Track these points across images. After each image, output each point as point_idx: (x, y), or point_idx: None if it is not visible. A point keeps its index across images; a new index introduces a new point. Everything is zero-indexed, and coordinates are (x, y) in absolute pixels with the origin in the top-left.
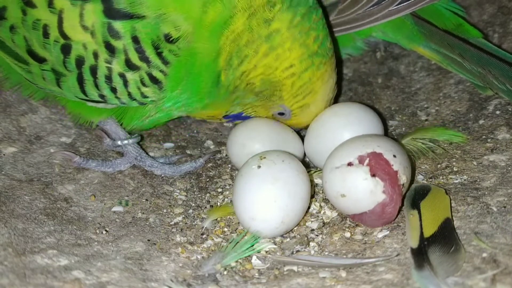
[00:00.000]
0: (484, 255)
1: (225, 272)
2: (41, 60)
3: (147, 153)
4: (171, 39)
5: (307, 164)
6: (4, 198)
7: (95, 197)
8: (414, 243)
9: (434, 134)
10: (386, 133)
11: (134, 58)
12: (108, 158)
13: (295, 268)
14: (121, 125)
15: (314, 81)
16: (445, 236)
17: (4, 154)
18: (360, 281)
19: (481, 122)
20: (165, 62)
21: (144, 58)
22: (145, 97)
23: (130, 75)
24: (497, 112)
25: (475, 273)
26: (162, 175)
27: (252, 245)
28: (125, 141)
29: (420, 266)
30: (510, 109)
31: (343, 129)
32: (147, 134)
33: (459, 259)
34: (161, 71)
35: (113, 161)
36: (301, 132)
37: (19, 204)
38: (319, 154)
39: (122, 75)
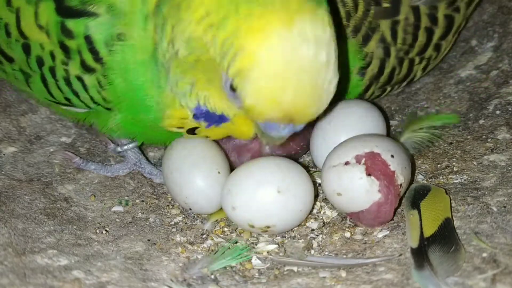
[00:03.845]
0: (484, 255)
1: (212, 276)
2: (10, 59)
3: (147, 159)
4: (123, 38)
5: (307, 166)
6: (4, 198)
7: (95, 197)
8: (414, 243)
9: (429, 122)
10: (389, 131)
11: (89, 59)
12: (108, 159)
13: (295, 268)
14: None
15: (242, 36)
16: (445, 236)
17: (4, 154)
18: (360, 281)
19: (481, 122)
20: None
21: (99, 59)
22: (108, 101)
23: (87, 78)
24: (497, 112)
25: (475, 273)
26: (162, 183)
27: (241, 254)
28: (125, 147)
29: (420, 266)
30: (510, 109)
31: (343, 129)
32: None
33: (459, 259)
34: (115, 72)
35: (113, 166)
36: None
37: (19, 204)
38: (321, 153)
39: (79, 78)
